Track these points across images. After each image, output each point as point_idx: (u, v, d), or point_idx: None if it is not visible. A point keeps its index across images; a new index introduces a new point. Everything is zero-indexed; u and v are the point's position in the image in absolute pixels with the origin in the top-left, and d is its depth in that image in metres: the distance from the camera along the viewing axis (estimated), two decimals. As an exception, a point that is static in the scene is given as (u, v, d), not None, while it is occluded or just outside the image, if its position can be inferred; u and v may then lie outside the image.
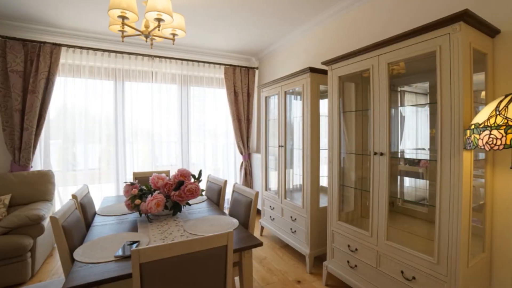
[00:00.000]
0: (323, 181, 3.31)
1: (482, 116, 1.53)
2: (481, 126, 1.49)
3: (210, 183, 3.55)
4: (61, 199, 4.22)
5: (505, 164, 1.92)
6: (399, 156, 2.77)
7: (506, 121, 1.39)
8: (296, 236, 3.47)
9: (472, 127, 1.56)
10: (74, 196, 2.51)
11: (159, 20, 2.44)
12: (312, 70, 3.16)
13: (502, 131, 1.38)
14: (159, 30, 2.59)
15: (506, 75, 1.95)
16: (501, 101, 1.47)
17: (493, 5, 2.02)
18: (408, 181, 2.71)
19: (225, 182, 3.20)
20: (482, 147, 1.47)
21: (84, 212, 2.59)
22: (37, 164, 4.05)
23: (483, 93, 2.01)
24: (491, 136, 1.42)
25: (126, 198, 2.58)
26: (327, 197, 2.88)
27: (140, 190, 2.61)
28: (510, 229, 1.93)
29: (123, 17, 2.36)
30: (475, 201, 1.90)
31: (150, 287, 1.39)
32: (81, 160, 4.36)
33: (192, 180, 2.72)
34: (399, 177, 2.74)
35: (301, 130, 3.36)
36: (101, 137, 4.46)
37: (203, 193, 3.45)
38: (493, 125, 1.43)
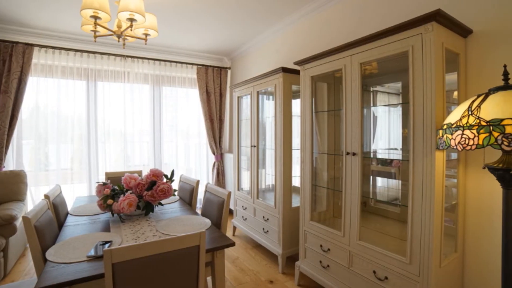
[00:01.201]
0: (296, 181, 3.13)
1: (454, 116, 1.40)
2: (453, 126, 1.36)
3: (183, 183, 3.32)
4: (34, 199, 3.99)
5: (478, 164, 1.80)
6: (372, 156, 2.62)
7: (478, 121, 1.26)
8: (268, 236, 3.25)
9: (445, 127, 1.43)
10: (46, 196, 2.38)
11: (131, 20, 2.31)
12: (285, 70, 2.97)
13: (474, 131, 1.25)
14: (131, 30, 2.45)
15: (478, 75, 1.82)
16: (473, 101, 1.35)
17: (466, 5, 1.90)
18: (380, 181, 2.57)
19: (198, 182, 2.99)
20: (455, 147, 1.34)
21: (56, 212, 2.47)
22: (9, 164, 3.83)
23: (455, 93, 1.88)
24: (464, 136, 1.30)
25: (98, 198, 2.45)
26: (299, 197, 2.69)
27: (113, 190, 2.47)
28: (482, 229, 1.82)
29: (96, 17, 2.23)
30: (447, 201, 1.78)
31: (122, 287, 1.32)
32: (54, 160, 4.10)
33: (165, 180, 2.59)
34: (371, 177, 2.59)
35: (273, 130, 3.16)
36: (73, 137, 4.20)
37: (176, 193, 3.26)
38: (465, 125, 1.30)
